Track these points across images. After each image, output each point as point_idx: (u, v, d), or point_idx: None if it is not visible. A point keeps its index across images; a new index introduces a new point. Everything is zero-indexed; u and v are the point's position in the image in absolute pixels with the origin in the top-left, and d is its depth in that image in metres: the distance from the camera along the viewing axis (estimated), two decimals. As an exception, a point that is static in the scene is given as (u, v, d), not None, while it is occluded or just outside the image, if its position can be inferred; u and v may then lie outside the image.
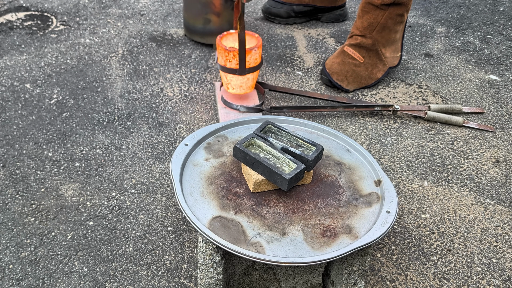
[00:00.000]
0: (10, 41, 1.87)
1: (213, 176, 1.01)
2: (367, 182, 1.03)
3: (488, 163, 1.46)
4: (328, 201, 0.97)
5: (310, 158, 0.96)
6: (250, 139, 0.99)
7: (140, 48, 1.88)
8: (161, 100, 1.61)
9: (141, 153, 1.39)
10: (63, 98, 1.58)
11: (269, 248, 0.86)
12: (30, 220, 1.17)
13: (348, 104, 1.57)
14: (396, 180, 1.37)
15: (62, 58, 1.79)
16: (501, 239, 1.22)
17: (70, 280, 1.05)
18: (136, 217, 1.20)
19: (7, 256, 1.09)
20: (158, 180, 1.31)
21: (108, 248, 1.12)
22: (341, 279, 0.95)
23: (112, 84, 1.67)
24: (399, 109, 1.58)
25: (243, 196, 0.96)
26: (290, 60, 1.88)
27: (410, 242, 1.19)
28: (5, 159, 1.34)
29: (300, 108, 1.55)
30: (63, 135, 1.43)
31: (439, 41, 2.10)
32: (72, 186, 1.27)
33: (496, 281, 1.11)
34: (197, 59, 1.84)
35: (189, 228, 1.19)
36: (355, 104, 1.57)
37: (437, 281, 1.11)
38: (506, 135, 1.58)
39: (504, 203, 1.32)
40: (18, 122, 1.47)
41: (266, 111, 1.51)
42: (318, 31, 2.12)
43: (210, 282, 0.92)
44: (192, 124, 1.51)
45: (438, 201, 1.31)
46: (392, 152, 1.47)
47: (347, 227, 0.92)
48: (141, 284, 1.05)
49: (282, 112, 1.55)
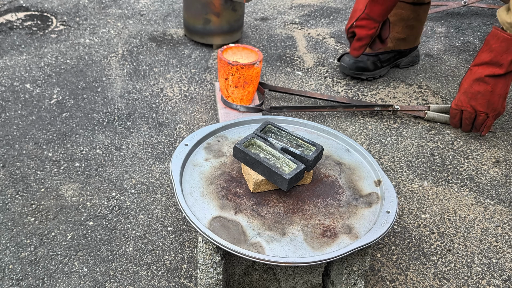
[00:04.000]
0: (10, 41, 1.87)
1: (213, 176, 1.01)
2: (367, 182, 1.03)
3: (488, 163, 1.46)
4: (328, 201, 0.97)
5: (310, 158, 0.96)
6: (250, 139, 0.99)
7: (140, 48, 1.88)
8: (161, 100, 1.61)
9: (141, 153, 1.39)
10: (63, 98, 1.58)
11: (269, 248, 0.86)
12: (30, 220, 1.17)
13: (348, 104, 1.57)
14: (396, 180, 1.37)
15: (62, 58, 1.79)
16: (501, 239, 1.22)
17: (70, 280, 1.05)
18: (136, 217, 1.20)
19: (7, 256, 1.09)
20: (158, 180, 1.31)
21: (108, 248, 1.12)
22: (341, 279, 0.95)
23: (112, 84, 1.67)
24: (399, 109, 1.58)
25: (243, 196, 0.96)
26: (290, 60, 1.88)
27: (410, 242, 1.19)
28: (5, 159, 1.34)
29: (300, 108, 1.55)
30: (63, 135, 1.43)
31: (439, 41, 2.10)
32: (72, 186, 1.27)
33: (496, 281, 1.11)
34: (197, 59, 1.84)
35: (189, 228, 1.19)
36: (355, 104, 1.57)
37: (437, 281, 1.11)
38: (506, 135, 1.58)
39: (504, 203, 1.32)
40: (18, 122, 1.47)
41: (266, 111, 1.51)
42: (318, 31, 2.12)
43: (210, 282, 0.92)
44: (192, 124, 1.51)
45: (438, 201, 1.31)
46: (392, 152, 1.47)
47: (347, 227, 0.92)
48: (141, 284, 1.05)
49: (282, 112, 1.55)
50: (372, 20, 1.54)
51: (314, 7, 2.34)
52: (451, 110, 1.50)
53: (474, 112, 1.44)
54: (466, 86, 1.44)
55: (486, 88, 1.39)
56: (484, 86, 1.39)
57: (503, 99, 1.41)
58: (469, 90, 1.43)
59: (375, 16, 1.52)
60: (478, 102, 1.42)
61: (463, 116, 1.47)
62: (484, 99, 1.40)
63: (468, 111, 1.45)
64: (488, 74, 1.37)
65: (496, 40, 1.34)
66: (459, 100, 1.46)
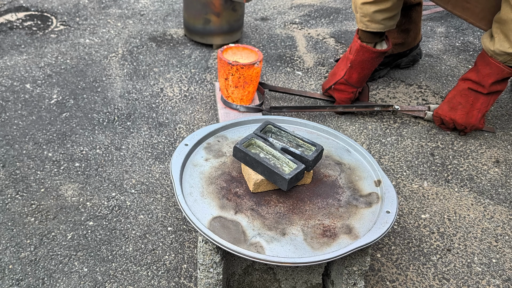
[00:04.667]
0: (10, 41, 1.87)
1: (213, 176, 1.01)
2: (367, 182, 1.03)
3: (488, 163, 1.46)
4: (328, 201, 0.97)
5: (310, 158, 0.96)
6: (250, 139, 0.99)
7: (140, 48, 1.88)
8: (161, 100, 1.61)
9: (141, 153, 1.39)
10: (63, 98, 1.58)
11: (269, 248, 0.86)
12: (30, 220, 1.17)
13: (348, 104, 1.57)
14: (396, 180, 1.37)
15: (62, 58, 1.79)
16: (501, 239, 1.22)
17: (70, 280, 1.05)
18: (136, 217, 1.20)
19: (7, 256, 1.09)
20: (158, 180, 1.31)
21: (108, 248, 1.12)
22: (341, 279, 0.95)
23: (112, 84, 1.67)
24: (399, 110, 1.58)
25: (243, 196, 0.96)
26: (290, 60, 1.88)
27: (410, 242, 1.19)
28: (5, 159, 1.34)
29: (299, 108, 1.55)
30: (63, 135, 1.43)
31: (439, 41, 2.10)
32: (72, 186, 1.27)
33: (496, 281, 1.11)
34: (197, 59, 1.84)
35: (189, 228, 1.19)
36: (355, 105, 1.57)
37: (437, 281, 1.10)
38: (506, 135, 1.58)
39: (504, 203, 1.32)
40: (18, 122, 1.47)
41: (266, 111, 1.51)
42: (318, 31, 2.12)
43: (210, 282, 0.92)
44: (192, 124, 1.51)
45: (438, 201, 1.31)
46: (392, 152, 1.47)
47: (347, 227, 0.92)
48: (141, 284, 1.05)
49: (281, 112, 1.55)
50: (350, 86, 1.54)
51: (314, 7, 2.34)
52: (433, 116, 1.55)
53: (453, 123, 1.50)
54: (450, 97, 1.49)
55: (467, 100, 1.44)
56: (465, 98, 1.44)
57: (482, 116, 1.46)
58: (451, 100, 1.48)
59: (353, 82, 1.53)
60: (458, 114, 1.46)
61: (444, 123, 1.53)
62: (464, 111, 1.45)
63: (447, 121, 1.50)
64: (471, 88, 1.42)
65: (482, 62, 1.39)
66: (441, 108, 1.51)
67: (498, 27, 1.31)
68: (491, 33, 1.35)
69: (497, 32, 1.32)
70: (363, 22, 1.44)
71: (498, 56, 1.34)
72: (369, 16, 1.41)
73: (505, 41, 1.31)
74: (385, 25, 1.44)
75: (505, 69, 1.35)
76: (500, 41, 1.32)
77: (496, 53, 1.33)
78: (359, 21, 1.45)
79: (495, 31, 1.33)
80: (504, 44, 1.31)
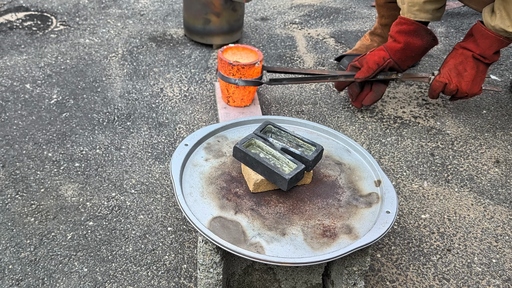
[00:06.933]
0: (10, 41, 1.87)
1: (213, 176, 1.01)
2: (367, 182, 1.03)
3: (488, 163, 1.46)
4: (328, 201, 0.97)
5: (310, 158, 0.96)
6: (250, 139, 0.99)
7: (140, 48, 1.88)
8: (161, 100, 1.61)
9: (141, 153, 1.39)
10: (63, 98, 1.58)
11: (269, 248, 0.86)
12: (30, 220, 1.17)
13: (349, 74, 1.53)
14: (396, 180, 1.37)
15: (62, 58, 1.79)
16: (501, 239, 1.22)
17: (70, 280, 1.05)
18: (136, 217, 1.20)
19: (7, 256, 1.09)
20: (158, 180, 1.31)
21: (108, 248, 1.12)
22: (341, 279, 0.95)
23: (112, 84, 1.67)
24: (401, 77, 1.53)
25: (243, 196, 0.96)
26: (290, 60, 1.88)
27: (410, 242, 1.19)
28: (5, 159, 1.34)
29: (299, 79, 1.52)
30: (63, 135, 1.43)
31: (439, 41, 2.09)
32: (72, 186, 1.27)
33: (496, 281, 1.11)
34: (197, 59, 1.84)
35: (189, 228, 1.19)
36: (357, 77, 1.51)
37: (437, 281, 1.10)
38: (506, 135, 1.58)
39: (504, 203, 1.32)
40: (18, 122, 1.47)
41: (266, 83, 1.50)
42: (318, 31, 2.12)
43: (210, 283, 0.92)
44: (192, 124, 1.51)
45: (438, 201, 1.31)
46: (392, 152, 1.47)
47: (347, 227, 0.92)
48: (141, 284, 1.05)
49: (281, 83, 1.53)
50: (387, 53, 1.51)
51: (314, 7, 2.34)
52: (434, 82, 1.51)
53: (456, 89, 1.48)
54: (456, 62, 1.47)
55: (472, 67, 1.44)
56: (470, 65, 1.44)
57: (481, 82, 1.47)
58: (457, 67, 1.47)
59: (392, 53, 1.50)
60: (464, 80, 1.46)
61: (445, 90, 1.49)
62: (470, 77, 1.45)
63: (450, 88, 1.48)
64: (475, 57, 1.43)
65: (481, 36, 1.39)
66: (446, 74, 1.49)
67: (501, 4, 1.32)
68: (493, 8, 1.35)
69: (499, 9, 1.32)
70: (412, 12, 1.45)
71: (496, 31, 1.36)
72: (419, 5, 1.44)
73: (506, 19, 1.32)
74: (433, 16, 1.46)
75: (504, 40, 1.37)
76: (501, 18, 1.32)
77: (495, 29, 1.34)
78: (406, 11, 1.46)
79: (498, 7, 1.33)
80: (505, 22, 1.32)
